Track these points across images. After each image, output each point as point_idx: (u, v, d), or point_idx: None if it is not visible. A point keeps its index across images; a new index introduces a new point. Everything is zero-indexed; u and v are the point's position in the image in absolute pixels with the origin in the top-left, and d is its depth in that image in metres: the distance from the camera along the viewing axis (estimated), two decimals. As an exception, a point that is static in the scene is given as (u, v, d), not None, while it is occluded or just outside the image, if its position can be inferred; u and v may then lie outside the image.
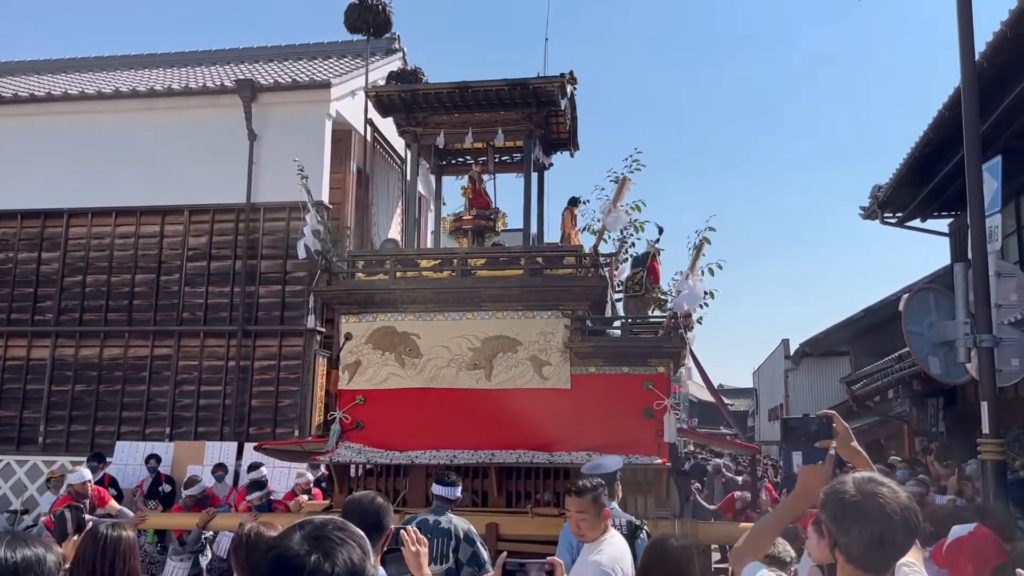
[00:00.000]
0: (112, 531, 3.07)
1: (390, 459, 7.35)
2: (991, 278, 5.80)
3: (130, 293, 12.58)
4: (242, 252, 12.31)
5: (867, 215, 14.27)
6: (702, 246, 6.93)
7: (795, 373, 26.14)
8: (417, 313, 7.61)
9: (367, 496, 3.13)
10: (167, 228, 12.68)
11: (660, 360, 7.20)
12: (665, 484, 7.09)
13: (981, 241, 5.82)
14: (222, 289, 12.38)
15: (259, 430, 11.85)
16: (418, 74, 9.47)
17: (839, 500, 1.91)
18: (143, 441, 11.79)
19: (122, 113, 12.98)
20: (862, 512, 1.86)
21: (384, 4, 12.20)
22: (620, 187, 7.16)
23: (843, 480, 1.96)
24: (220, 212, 12.54)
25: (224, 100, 12.58)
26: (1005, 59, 8.79)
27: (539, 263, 7.57)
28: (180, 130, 12.67)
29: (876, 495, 1.87)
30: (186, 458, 11.32)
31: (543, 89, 8.08)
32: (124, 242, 12.76)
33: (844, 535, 1.89)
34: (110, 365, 12.45)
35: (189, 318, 12.41)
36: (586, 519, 3.98)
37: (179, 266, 12.54)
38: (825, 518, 1.96)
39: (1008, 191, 10.17)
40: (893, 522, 1.84)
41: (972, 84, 6.07)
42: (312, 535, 1.49)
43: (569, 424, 7.14)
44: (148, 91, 12.98)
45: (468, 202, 8.91)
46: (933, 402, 13.64)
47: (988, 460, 5.83)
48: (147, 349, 12.37)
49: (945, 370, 6.13)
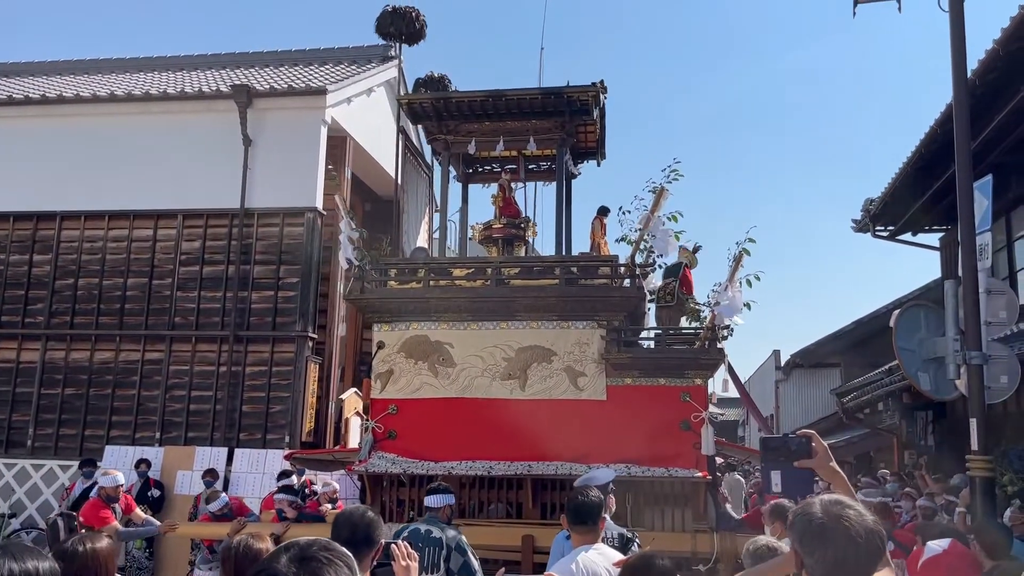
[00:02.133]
0: (81, 546, 3.04)
1: (426, 469, 7.29)
2: (981, 295, 5.84)
3: (122, 297, 12.55)
4: (235, 257, 12.29)
5: (859, 228, 14.35)
6: (741, 257, 6.94)
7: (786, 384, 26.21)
8: (450, 322, 7.57)
9: (358, 510, 3.14)
10: (160, 232, 12.66)
11: (697, 372, 7.19)
12: (703, 497, 7.09)
13: (971, 259, 5.87)
14: (214, 294, 12.36)
15: (249, 436, 11.81)
16: (445, 82, 9.48)
17: (806, 522, 1.93)
18: (133, 446, 11.75)
19: (117, 116, 12.97)
20: (827, 535, 1.88)
21: (418, 12, 12.17)
22: (658, 197, 7.16)
23: (811, 502, 1.98)
24: (214, 217, 12.53)
25: (219, 105, 12.58)
26: (997, 76, 8.87)
27: (574, 273, 7.54)
28: (175, 134, 12.66)
29: (842, 518, 1.89)
30: (176, 463, 11.28)
31: (576, 98, 8.09)
32: (117, 245, 12.72)
33: (809, 557, 1.91)
34: (100, 369, 12.40)
35: (181, 323, 12.37)
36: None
37: (172, 270, 12.51)
38: (793, 539, 1.98)
39: (998, 207, 10.25)
40: (857, 545, 1.86)
41: (964, 103, 6.12)
42: (299, 557, 1.50)
43: (605, 436, 7.12)
44: (143, 95, 12.97)
45: (498, 210, 8.89)
46: (923, 415, 13.69)
47: (977, 476, 5.87)
48: (138, 353, 12.33)
49: (935, 386, 6.16)
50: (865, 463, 18.39)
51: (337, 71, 14.20)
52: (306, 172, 12.34)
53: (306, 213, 12.29)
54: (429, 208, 14.08)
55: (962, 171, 6.03)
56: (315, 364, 12.29)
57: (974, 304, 5.82)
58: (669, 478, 7.00)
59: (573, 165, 9.17)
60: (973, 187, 5.95)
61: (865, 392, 14.39)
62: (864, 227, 14.20)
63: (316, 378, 12.32)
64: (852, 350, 20.69)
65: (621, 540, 4.63)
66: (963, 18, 6.10)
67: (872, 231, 14.08)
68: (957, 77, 6.16)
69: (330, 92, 12.49)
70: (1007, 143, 10.04)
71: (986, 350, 5.81)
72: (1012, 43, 8.37)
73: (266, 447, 11.50)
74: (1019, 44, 8.35)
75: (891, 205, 13.10)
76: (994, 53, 8.58)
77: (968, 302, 5.84)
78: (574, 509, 3.99)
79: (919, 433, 14.08)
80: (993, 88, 9.04)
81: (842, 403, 16.03)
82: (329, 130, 12.64)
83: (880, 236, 14.19)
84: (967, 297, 5.86)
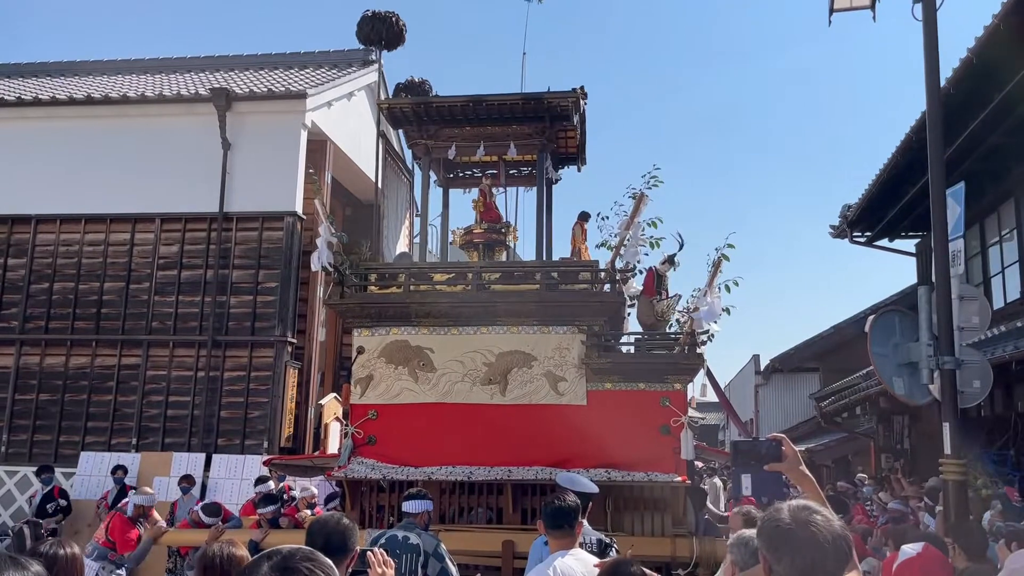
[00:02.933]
0: (50, 549, 3.04)
1: (406, 475, 7.25)
2: (954, 301, 5.90)
3: (98, 301, 12.42)
4: (214, 261, 12.21)
5: (837, 234, 14.51)
6: (720, 263, 6.96)
7: (765, 388, 26.38)
8: (431, 327, 7.54)
9: (333, 517, 3.12)
10: (138, 236, 12.55)
11: (677, 377, 7.21)
12: (682, 502, 7.10)
13: (944, 266, 5.93)
14: (193, 299, 12.26)
15: (228, 441, 11.73)
16: (426, 87, 9.46)
17: (774, 528, 1.94)
18: (108, 452, 11.62)
19: (94, 119, 12.85)
20: (794, 540, 1.89)
21: (398, 16, 12.18)
22: (638, 203, 7.17)
23: (779, 508, 1.99)
24: (192, 221, 12.44)
25: (198, 108, 12.51)
26: (971, 85, 9.01)
27: (554, 278, 7.54)
28: (153, 137, 12.57)
29: (809, 523, 1.90)
30: (152, 469, 11.17)
31: (557, 104, 8.10)
32: (93, 249, 12.60)
33: (778, 563, 1.91)
34: (76, 374, 12.27)
35: (158, 327, 12.27)
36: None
37: (149, 275, 12.41)
38: (761, 545, 1.99)
39: (972, 214, 10.40)
40: (824, 551, 1.87)
41: (937, 112, 6.20)
42: (281, 566, 1.49)
43: (585, 441, 7.11)
44: (121, 97, 12.87)
45: (479, 215, 8.87)
46: (899, 420, 13.84)
47: (950, 480, 5.93)
48: (115, 358, 12.21)
49: (909, 391, 6.22)
50: (843, 467, 18.55)
51: (317, 75, 14.16)
52: (286, 176, 12.30)
53: (286, 217, 12.24)
54: (410, 213, 14.06)
55: (935, 178, 6.10)
56: (294, 369, 12.23)
57: (947, 310, 5.88)
58: (649, 483, 7.01)
59: (554, 171, 9.18)
60: (946, 194, 6.03)
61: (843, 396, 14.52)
62: (842, 233, 14.35)
63: (295, 383, 12.26)
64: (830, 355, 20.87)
65: (599, 545, 4.63)
66: (936, 28, 6.18)
67: (850, 237, 14.23)
68: (931, 86, 6.23)
69: (310, 96, 12.45)
70: (980, 151, 10.20)
71: (959, 355, 5.87)
72: (985, 52, 8.51)
73: (244, 453, 11.42)
74: (992, 54, 8.49)
75: (868, 211, 13.26)
76: (968, 62, 8.72)
77: (941, 308, 5.91)
78: (551, 514, 3.99)
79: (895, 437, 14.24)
80: (967, 96, 9.18)
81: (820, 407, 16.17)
82: (309, 134, 12.60)
83: (858, 242, 14.36)
84: (940, 303, 5.92)
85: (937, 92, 6.30)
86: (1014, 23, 7.96)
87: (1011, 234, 11.00)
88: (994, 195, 11.28)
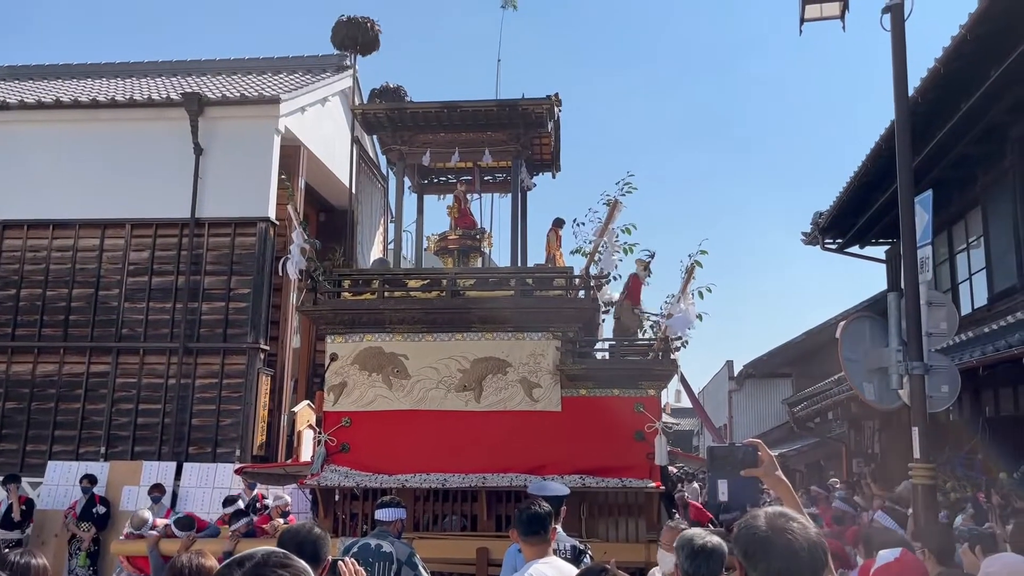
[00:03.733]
0: (21, 559, 3.01)
1: (380, 483, 7.19)
2: (922, 307, 5.98)
3: (67, 308, 12.23)
4: (185, 268, 12.07)
5: (809, 241, 14.66)
6: (693, 269, 7.00)
7: (739, 394, 26.60)
8: (405, 333, 7.49)
9: (304, 527, 3.09)
10: (107, 242, 12.38)
11: (651, 383, 7.22)
12: (656, 507, 7.10)
13: (913, 272, 6.01)
14: (164, 305, 12.11)
15: (199, 449, 11.58)
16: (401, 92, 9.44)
17: (750, 535, 1.92)
18: (76, 461, 11.42)
19: (63, 123, 12.67)
20: (771, 547, 1.88)
21: (373, 22, 12.13)
22: (612, 210, 7.19)
23: (755, 515, 1.97)
24: (163, 226, 12.29)
25: (170, 113, 12.37)
26: (938, 95, 9.16)
27: (529, 284, 7.52)
28: (123, 142, 12.41)
29: (786, 531, 1.89)
30: (122, 479, 10.99)
31: (531, 110, 8.10)
32: (61, 255, 12.41)
33: (753, 570, 1.90)
34: (43, 382, 12.06)
35: (128, 334, 12.10)
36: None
37: (119, 281, 12.23)
38: (736, 552, 1.97)
39: (940, 221, 10.56)
40: (799, 558, 1.85)
41: (905, 121, 6.29)
42: (254, 572, 1.44)
43: (560, 447, 7.10)
44: (91, 101, 12.69)
45: (453, 222, 8.84)
46: (870, 425, 14.00)
47: (919, 484, 6.00)
48: (83, 366, 12.01)
49: (879, 396, 6.29)
50: (816, 471, 18.72)
51: (291, 80, 14.08)
52: (258, 182, 12.20)
53: (258, 223, 12.13)
54: (384, 219, 14.00)
55: (904, 186, 6.18)
56: (267, 376, 12.11)
57: (916, 315, 5.96)
58: (623, 488, 7.02)
59: (528, 177, 9.19)
60: (915, 201, 6.11)
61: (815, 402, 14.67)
62: (814, 240, 14.51)
63: (268, 391, 12.14)
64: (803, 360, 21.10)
65: (573, 552, 4.62)
66: (904, 38, 6.27)
67: (821, 244, 14.40)
68: (899, 95, 6.32)
69: (284, 101, 12.37)
70: (948, 159, 10.36)
71: (928, 360, 5.95)
72: (952, 62, 8.66)
73: (216, 461, 11.28)
74: (959, 63, 8.64)
75: (839, 218, 13.42)
76: (935, 72, 8.86)
77: (910, 314, 5.98)
78: (525, 521, 3.96)
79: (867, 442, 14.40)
80: (935, 106, 9.33)
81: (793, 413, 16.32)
82: (282, 140, 12.51)
83: (829, 249, 14.53)
84: (909, 308, 6.00)
85: (905, 101, 6.40)
86: (980, 34, 8.11)
87: (978, 241, 11.19)
88: (961, 203, 11.47)
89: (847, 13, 6.55)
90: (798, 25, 6.65)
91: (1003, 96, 8.84)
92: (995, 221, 10.60)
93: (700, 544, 3.13)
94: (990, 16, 7.90)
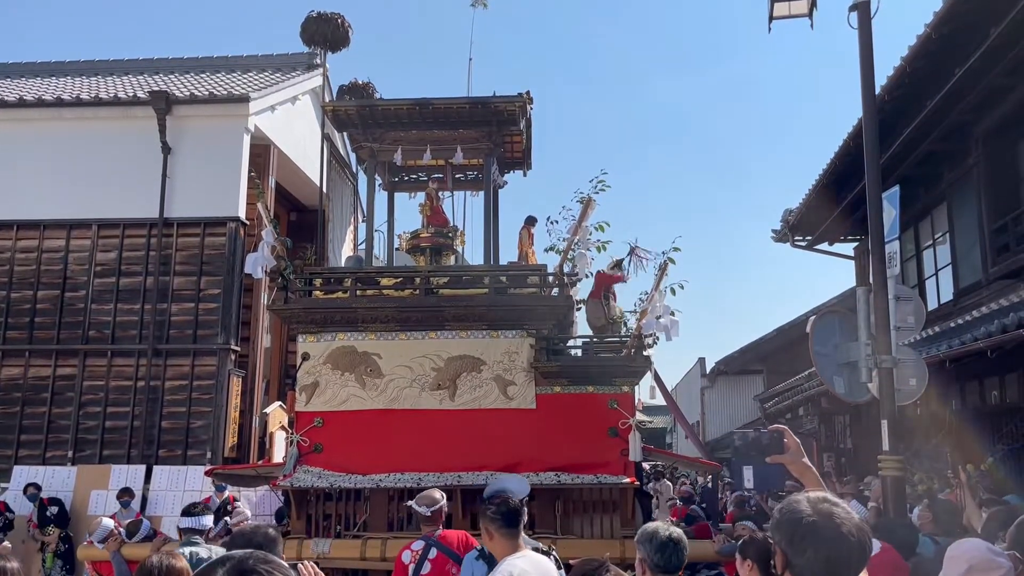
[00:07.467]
0: (7, 562, 2.95)
1: (354, 483, 7.12)
2: (891, 302, 6.06)
3: (31, 310, 12.02)
4: (154, 268, 11.91)
5: (778, 238, 14.81)
6: (666, 267, 7.04)
7: (711, 391, 26.78)
8: (378, 332, 7.42)
9: (259, 529, 3.06)
10: (73, 243, 12.18)
11: (624, 379, 7.24)
12: (630, 503, 7.11)
13: (881, 267, 6.08)
14: (132, 306, 11.94)
15: (169, 452, 11.44)
16: (370, 89, 9.36)
17: (795, 521, 1.85)
18: (43, 465, 11.23)
19: (26, 122, 12.46)
20: (819, 533, 1.81)
21: (343, 18, 12.06)
22: (585, 208, 7.21)
23: (797, 500, 1.90)
24: (131, 227, 12.12)
25: (137, 112, 12.21)
26: (905, 93, 9.29)
27: (503, 282, 7.51)
28: (89, 141, 12.23)
29: (832, 516, 1.83)
30: (90, 483, 10.82)
31: (503, 108, 8.08)
32: (26, 256, 12.19)
33: (799, 556, 1.83)
34: (8, 386, 11.84)
35: (96, 336, 11.91)
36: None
37: (86, 282, 12.04)
38: (779, 539, 1.89)
39: (907, 217, 10.72)
40: (849, 543, 1.80)
41: (872, 119, 6.37)
42: (237, 570, 1.43)
43: (535, 444, 7.08)
44: (55, 100, 12.49)
45: (425, 220, 8.80)
46: (840, 419, 14.17)
47: (888, 476, 6.08)
48: (49, 369, 11.81)
49: (849, 390, 6.36)
50: (787, 467, 18.90)
51: (261, 79, 13.95)
52: (228, 181, 12.07)
53: (228, 223, 12.00)
54: (355, 217, 13.93)
55: (871, 182, 6.26)
56: (238, 377, 11.99)
57: (884, 310, 6.03)
58: (598, 485, 7.03)
59: (500, 175, 9.18)
60: (882, 198, 6.19)
61: (786, 397, 14.84)
62: (783, 237, 14.66)
63: (239, 392, 12.01)
64: (774, 357, 21.34)
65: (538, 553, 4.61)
66: (871, 36, 6.35)
67: (791, 241, 14.54)
68: (866, 92, 6.40)
69: (253, 100, 12.25)
70: (915, 157, 10.51)
71: (896, 354, 6.02)
72: (918, 61, 8.78)
73: (187, 463, 11.15)
74: (924, 62, 8.77)
75: (808, 216, 13.56)
76: (901, 70, 8.99)
77: (879, 308, 6.05)
78: (506, 514, 3.95)
79: (838, 436, 14.57)
80: (901, 104, 9.47)
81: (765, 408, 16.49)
82: (252, 138, 12.39)
83: (799, 246, 14.67)
84: (878, 303, 6.07)
85: (872, 98, 6.47)
86: (945, 33, 8.24)
87: (943, 238, 11.36)
88: (928, 200, 11.63)
89: (815, 11, 6.62)
90: (767, 23, 6.70)
91: (967, 94, 8.98)
92: (960, 218, 10.77)
93: (666, 536, 3.15)
94: (954, 15, 8.02)
